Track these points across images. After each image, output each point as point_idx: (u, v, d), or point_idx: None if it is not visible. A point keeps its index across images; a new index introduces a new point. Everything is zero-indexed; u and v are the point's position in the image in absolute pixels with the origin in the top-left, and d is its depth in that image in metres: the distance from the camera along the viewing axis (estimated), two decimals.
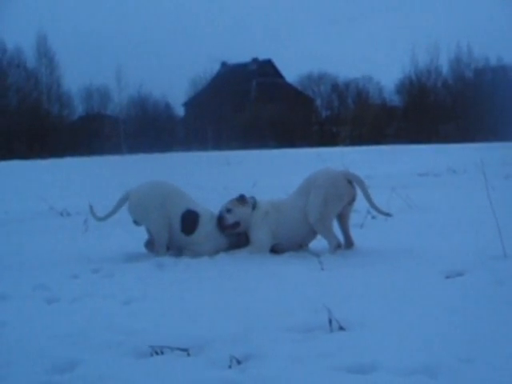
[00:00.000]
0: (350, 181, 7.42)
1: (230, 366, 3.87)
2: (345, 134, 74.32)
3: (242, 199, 7.53)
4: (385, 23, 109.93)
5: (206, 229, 7.50)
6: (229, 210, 7.48)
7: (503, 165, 18.92)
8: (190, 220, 7.48)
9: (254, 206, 7.54)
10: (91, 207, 7.81)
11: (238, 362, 3.90)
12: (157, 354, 4.14)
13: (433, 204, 11.11)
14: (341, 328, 4.42)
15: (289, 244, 7.49)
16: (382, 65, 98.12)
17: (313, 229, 7.40)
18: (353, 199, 7.45)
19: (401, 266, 6.36)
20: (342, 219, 7.50)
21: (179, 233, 7.47)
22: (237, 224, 7.48)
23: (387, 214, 7.61)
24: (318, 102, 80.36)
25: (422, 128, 60.82)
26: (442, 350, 3.88)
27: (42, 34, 68.62)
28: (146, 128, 66.23)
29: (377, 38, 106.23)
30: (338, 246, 7.27)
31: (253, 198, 7.65)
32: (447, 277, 5.81)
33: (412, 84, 71.01)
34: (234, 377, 3.68)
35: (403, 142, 49.42)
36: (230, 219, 7.46)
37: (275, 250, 7.48)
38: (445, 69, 70.31)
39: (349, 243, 7.50)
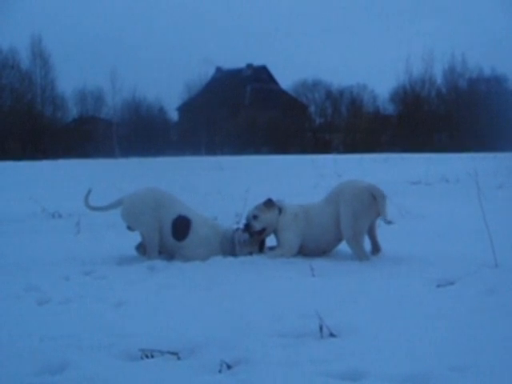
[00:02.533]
0: (375, 196, 7.35)
1: (220, 371, 3.87)
2: (338, 142, 74.34)
3: (269, 204, 7.56)
4: (380, 32, 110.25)
5: (198, 235, 7.50)
6: (255, 217, 7.51)
7: (496, 175, 18.94)
8: (181, 226, 7.48)
9: (281, 209, 7.57)
10: (89, 191, 7.80)
11: (228, 367, 3.90)
12: (147, 357, 4.13)
13: (425, 212, 11.13)
14: (331, 335, 4.42)
15: (314, 248, 7.53)
16: (376, 73, 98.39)
17: (338, 237, 7.45)
18: (379, 214, 7.39)
19: (392, 273, 6.37)
20: (370, 229, 7.49)
21: (170, 238, 7.47)
22: (263, 230, 7.53)
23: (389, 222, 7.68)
24: (312, 108, 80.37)
25: (416, 137, 60.92)
26: (433, 358, 3.89)
27: (36, 35, 68.54)
28: (140, 132, 66.19)
29: (372, 47, 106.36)
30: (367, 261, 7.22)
31: (280, 201, 7.76)
32: (438, 285, 5.82)
33: (406, 93, 71.15)
34: (224, 381, 3.69)
35: (396, 150, 49.50)
36: (257, 226, 7.49)
37: (300, 252, 7.54)
38: (439, 78, 70.50)
39: (376, 249, 7.52)
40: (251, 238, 7.52)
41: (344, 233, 7.30)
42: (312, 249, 7.53)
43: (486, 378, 3.60)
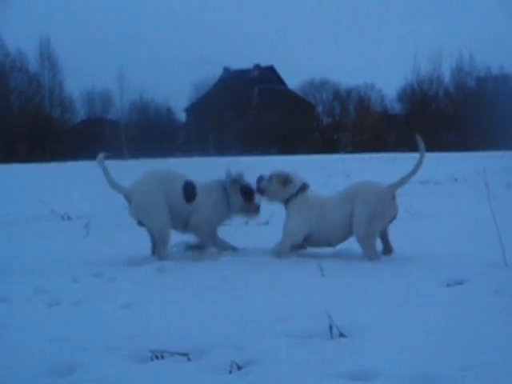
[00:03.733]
0: (394, 196, 7.41)
1: (230, 371, 3.88)
2: (346, 141, 74.35)
3: (287, 179, 7.70)
4: (387, 31, 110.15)
5: (203, 197, 7.77)
6: (270, 179, 7.73)
7: (505, 174, 18.89)
8: (189, 189, 7.70)
9: (298, 192, 7.66)
10: (103, 155, 7.88)
11: (239, 368, 3.90)
12: (157, 358, 4.14)
13: (434, 212, 11.11)
14: (341, 335, 4.42)
15: (320, 241, 7.58)
16: (384, 72, 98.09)
17: (347, 235, 7.48)
18: (394, 216, 7.44)
19: (401, 273, 6.36)
20: (383, 230, 7.47)
21: (183, 204, 7.62)
22: (263, 192, 7.78)
23: None
24: (320, 108, 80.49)
25: (424, 136, 60.72)
26: (443, 357, 3.88)
27: (44, 37, 68.85)
28: (148, 133, 66.27)
29: (379, 46, 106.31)
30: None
31: (305, 183, 7.81)
32: (448, 285, 5.81)
33: (414, 92, 71.17)
34: (235, 382, 3.69)
35: (404, 149, 49.42)
36: (263, 186, 7.75)
37: (305, 241, 7.61)
38: (447, 77, 70.53)
39: (388, 250, 7.49)
40: (247, 196, 7.91)
41: (357, 233, 7.29)
42: (318, 241, 7.58)
43: (495, 378, 3.59)
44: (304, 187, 7.67)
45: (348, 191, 7.61)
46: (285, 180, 7.61)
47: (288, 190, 7.61)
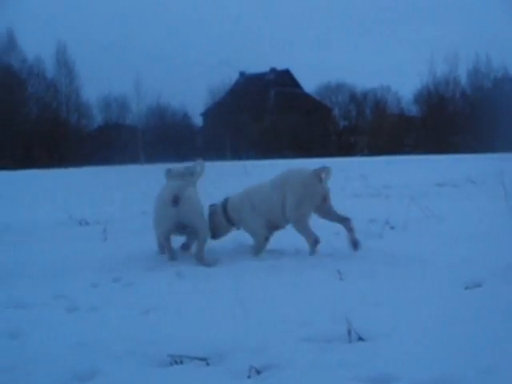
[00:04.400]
0: (321, 178, 7.67)
1: (249, 376, 3.88)
2: (362, 144, 74.26)
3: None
4: (403, 33, 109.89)
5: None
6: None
7: None
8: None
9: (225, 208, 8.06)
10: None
11: (258, 372, 3.91)
12: (176, 363, 4.14)
13: (451, 214, 11.07)
14: (360, 338, 4.42)
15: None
16: (400, 75, 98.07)
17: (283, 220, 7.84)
18: (325, 196, 7.73)
19: (419, 276, 6.34)
20: (325, 214, 7.80)
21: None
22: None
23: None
24: (336, 111, 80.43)
25: (441, 138, 60.70)
26: (462, 360, 3.87)
27: (61, 43, 69.19)
28: (165, 138, 66.42)
29: (395, 48, 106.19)
30: (316, 241, 7.59)
31: (214, 205, 8.21)
32: (466, 287, 5.79)
33: (430, 94, 70.94)
34: None
35: (421, 152, 49.33)
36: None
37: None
38: (463, 79, 70.22)
39: (346, 225, 7.77)
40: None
41: (289, 217, 7.70)
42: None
43: None
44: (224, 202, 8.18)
45: (277, 179, 8.00)
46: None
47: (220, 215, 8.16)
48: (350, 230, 7.71)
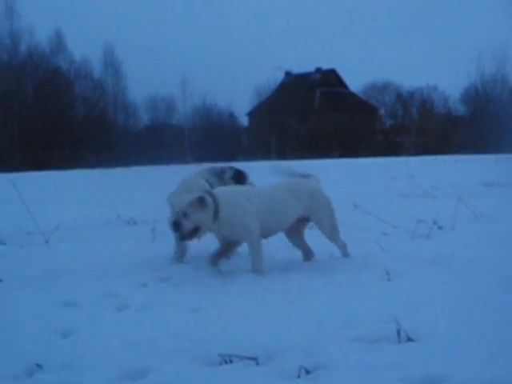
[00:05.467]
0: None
1: (298, 376, 3.89)
2: (409, 144, 73.76)
3: (201, 201, 6.80)
4: (450, 31, 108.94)
5: None
6: (185, 215, 6.78)
7: None
8: None
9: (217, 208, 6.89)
10: None
11: (307, 372, 3.92)
12: (226, 362, 4.17)
13: (500, 214, 10.97)
14: (409, 339, 4.40)
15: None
16: (447, 74, 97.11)
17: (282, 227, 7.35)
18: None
19: (468, 276, 6.30)
20: (296, 234, 7.52)
21: None
22: (197, 229, 6.86)
23: None
24: (382, 111, 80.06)
25: (488, 138, 60.04)
26: None
27: (108, 44, 69.80)
28: (211, 137, 66.69)
29: (442, 47, 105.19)
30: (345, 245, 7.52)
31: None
32: None
33: (478, 93, 70.17)
34: None
35: (469, 151, 48.89)
36: (187, 225, 6.79)
37: None
38: (511, 77, 69.37)
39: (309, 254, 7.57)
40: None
41: (324, 230, 7.44)
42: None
43: None
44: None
45: (290, 186, 7.47)
46: (202, 203, 6.81)
47: (210, 211, 6.86)
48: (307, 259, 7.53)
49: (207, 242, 7.54)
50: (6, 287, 6.71)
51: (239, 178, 8.18)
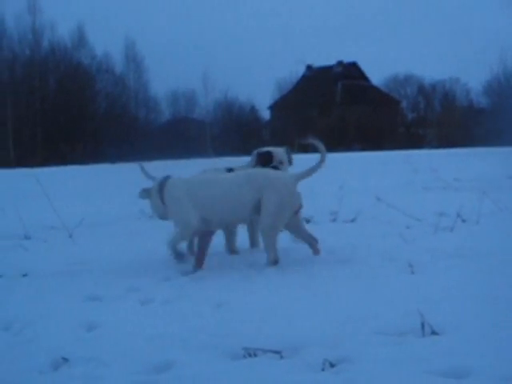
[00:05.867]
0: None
1: (323, 369, 3.89)
2: (431, 136, 73.50)
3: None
4: (472, 23, 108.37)
5: None
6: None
7: None
8: None
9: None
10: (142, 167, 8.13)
11: (332, 365, 3.91)
12: (250, 356, 4.18)
13: None
14: (434, 332, 4.39)
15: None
16: (469, 66, 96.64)
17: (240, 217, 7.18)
18: (299, 209, 7.12)
19: (493, 269, 6.25)
20: (296, 227, 7.26)
21: None
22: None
23: None
24: (404, 104, 79.84)
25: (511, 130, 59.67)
26: None
27: (130, 39, 70.06)
28: (232, 131, 66.78)
29: (464, 39, 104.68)
30: (276, 262, 6.87)
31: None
32: None
33: (500, 85, 69.75)
34: (328, 380, 3.70)
35: (491, 144, 48.63)
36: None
37: None
38: None
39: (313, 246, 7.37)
40: None
41: (261, 222, 6.92)
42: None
43: None
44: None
45: (246, 176, 7.08)
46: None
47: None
48: (316, 251, 7.35)
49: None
50: (30, 282, 6.76)
51: None
